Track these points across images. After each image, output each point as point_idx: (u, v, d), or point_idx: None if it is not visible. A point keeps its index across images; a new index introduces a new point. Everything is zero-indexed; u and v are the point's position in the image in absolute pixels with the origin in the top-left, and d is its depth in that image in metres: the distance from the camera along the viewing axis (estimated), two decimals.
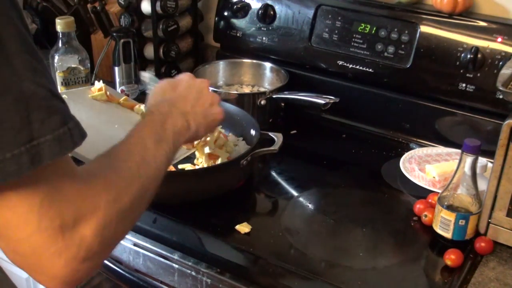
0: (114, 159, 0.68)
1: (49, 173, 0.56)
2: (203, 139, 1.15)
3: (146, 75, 1.17)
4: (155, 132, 0.78)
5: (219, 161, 1.13)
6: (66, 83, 1.40)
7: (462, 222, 0.97)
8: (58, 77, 1.41)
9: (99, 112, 1.12)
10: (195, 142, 1.16)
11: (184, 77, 0.98)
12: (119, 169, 0.66)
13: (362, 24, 1.36)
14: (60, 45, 1.39)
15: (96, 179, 0.62)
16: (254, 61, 1.52)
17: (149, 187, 0.70)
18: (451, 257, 0.94)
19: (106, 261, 1.12)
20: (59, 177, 0.57)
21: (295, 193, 1.16)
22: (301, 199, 1.14)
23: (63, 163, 0.58)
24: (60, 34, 1.38)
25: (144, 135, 0.76)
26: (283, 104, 1.43)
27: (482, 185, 0.99)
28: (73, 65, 1.40)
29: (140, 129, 0.77)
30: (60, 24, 1.37)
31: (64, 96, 1.12)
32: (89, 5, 1.60)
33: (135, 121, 1.16)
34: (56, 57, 1.40)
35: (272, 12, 1.47)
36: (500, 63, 1.20)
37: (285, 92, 1.38)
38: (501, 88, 0.93)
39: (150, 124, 0.79)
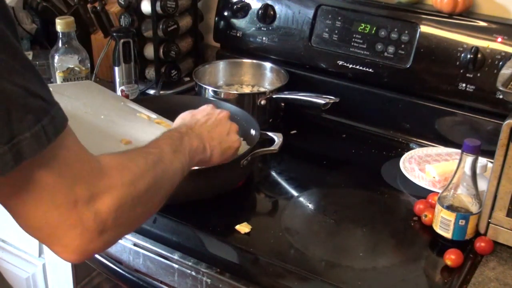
0: (131, 153, 0.73)
1: (59, 154, 0.59)
2: None
3: None
4: (173, 143, 0.83)
5: None
6: None
7: (462, 222, 0.97)
8: (58, 77, 1.41)
9: (84, 104, 1.13)
10: None
11: (206, 107, 1.03)
12: (135, 160, 0.71)
13: (362, 24, 1.36)
14: (60, 45, 1.39)
15: (112, 163, 0.67)
16: (254, 61, 1.52)
17: (163, 184, 0.74)
18: (451, 257, 0.94)
19: (106, 261, 1.12)
20: (70, 157, 0.61)
21: (295, 193, 1.16)
22: (301, 199, 1.14)
23: (70, 145, 0.61)
24: (60, 34, 1.38)
25: (162, 144, 0.81)
26: (283, 104, 1.43)
27: (482, 185, 0.99)
28: (73, 65, 1.40)
29: (159, 139, 0.83)
30: (60, 24, 1.37)
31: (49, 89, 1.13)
32: (89, 5, 1.60)
33: (122, 111, 1.18)
34: (56, 57, 1.40)
35: (272, 12, 1.47)
36: (500, 63, 1.20)
37: (285, 92, 1.38)
38: (501, 88, 0.93)
39: (168, 138, 0.85)
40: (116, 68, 1.46)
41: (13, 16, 0.59)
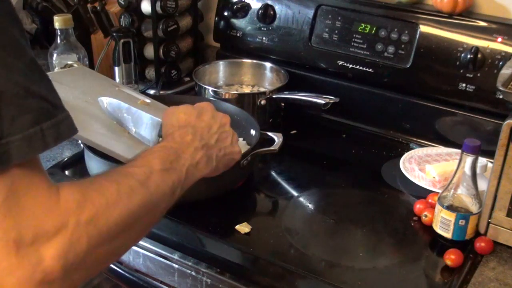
0: (104, 179, 0.62)
1: (11, 179, 0.51)
2: None
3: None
4: (167, 159, 0.72)
5: None
6: None
7: (462, 222, 0.97)
8: None
9: (83, 92, 1.14)
10: None
11: (208, 106, 0.92)
12: (104, 189, 0.59)
13: (362, 24, 1.36)
14: (58, 42, 1.39)
15: (70, 195, 0.55)
16: (254, 61, 1.52)
17: (140, 216, 0.63)
18: (451, 257, 0.94)
19: None
20: (23, 185, 0.52)
21: (295, 193, 1.16)
22: (301, 199, 1.14)
23: (30, 170, 0.53)
24: (58, 31, 1.38)
25: (152, 160, 0.70)
26: (283, 104, 1.43)
27: (482, 185, 0.99)
28: (71, 63, 1.39)
29: (151, 153, 0.72)
30: (57, 21, 1.37)
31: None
32: (89, 5, 1.60)
33: (119, 98, 1.18)
34: (55, 55, 1.39)
35: (272, 12, 1.47)
36: (500, 63, 1.20)
37: (285, 92, 1.38)
38: (501, 88, 0.93)
39: (164, 150, 0.74)
40: (116, 68, 1.46)
41: (18, 16, 0.55)
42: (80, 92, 1.13)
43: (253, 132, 1.20)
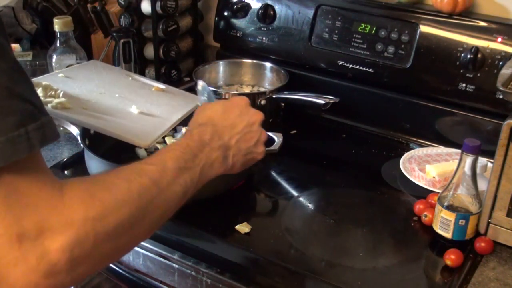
0: (113, 176, 0.62)
1: (12, 176, 0.51)
2: None
3: (200, 84, 1.12)
4: (183, 158, 0.72)
5: None
6: None
7: (462, 222, 0.97)
8: None
9: (97, 85, 1.17)
10: None
11: (240, 102, 0.92)
12: (113, 186, 0.60)
13: (362, 24, 1.36)
14: (58, 44, 1.39)
15: (78, 192, 0.56)
16: (254, 61, 1.52)
17: (149, 214, 0.63)
18: (451, 257, 0.94)
19: None
20: (24, 183, 0.52)
21: (295, 193, 1.16)
22: (301, 199, 1.14)
23: (31, 168, 0.53)
24: (58, 33, 1.38)
25: (167, 158, 0.70)
26: (283, 104, 1.43)
27: (482, 185, 0.99)
28: (70, 64, 1.40)
29: (168, 151, 0.72)
30: (58, 24, 1.37)
31: (61, 75, 1.16)
32: (89, 5, 1.60)
33: (133, 87, 1.21)
34: (54, 57, 1.39)
35: (272, 12, 1.47)
36: (500, 63, 1.20)
37: (285, 92, 1.38)
38: (501, 88, 0.93)
39: (180, 149, 0.74)
40: None
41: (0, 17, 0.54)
42: (94, 85, 1.15)
43: None
